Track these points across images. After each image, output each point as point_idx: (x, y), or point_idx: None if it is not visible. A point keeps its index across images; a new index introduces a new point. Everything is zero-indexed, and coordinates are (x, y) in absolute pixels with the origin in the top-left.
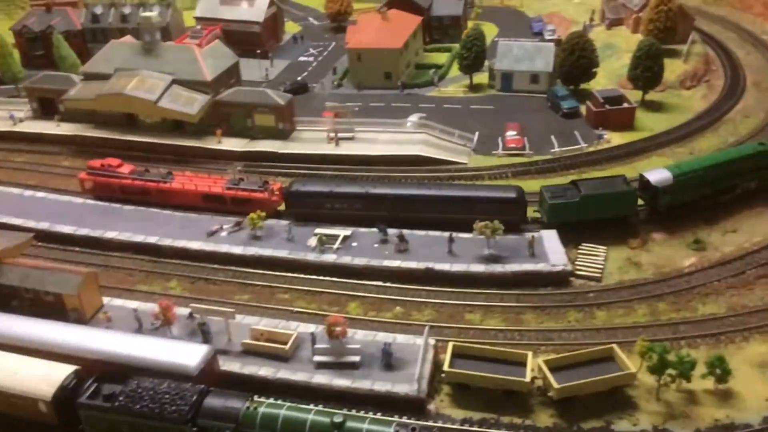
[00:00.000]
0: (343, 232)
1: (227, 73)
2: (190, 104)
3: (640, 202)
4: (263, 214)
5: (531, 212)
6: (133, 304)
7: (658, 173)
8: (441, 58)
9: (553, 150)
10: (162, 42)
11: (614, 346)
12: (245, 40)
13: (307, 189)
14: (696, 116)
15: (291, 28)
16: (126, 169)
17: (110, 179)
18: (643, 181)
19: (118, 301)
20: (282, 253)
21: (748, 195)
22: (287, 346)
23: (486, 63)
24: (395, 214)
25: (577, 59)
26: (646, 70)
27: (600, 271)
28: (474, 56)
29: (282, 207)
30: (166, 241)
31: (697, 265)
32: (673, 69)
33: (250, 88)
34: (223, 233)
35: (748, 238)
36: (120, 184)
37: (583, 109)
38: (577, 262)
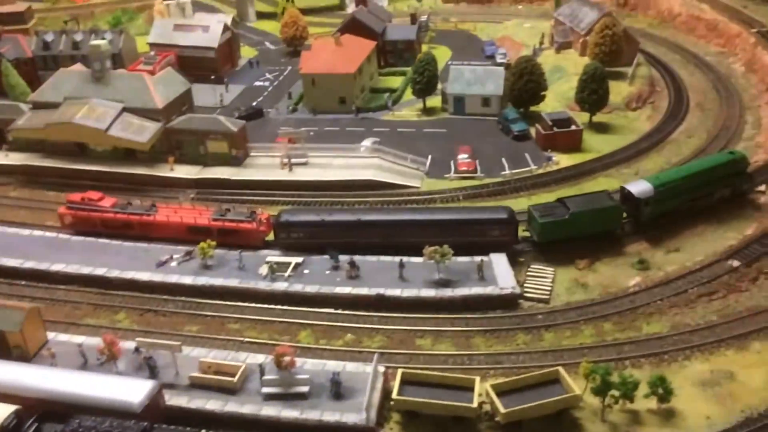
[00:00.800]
0: (294, 259)
1: (179, 100)
2: (141, 132)
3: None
4: (213, 243)
5: (521, 232)
6: (78, 338)
7: (639, 185)
8: (395, 82)
9: (503, 172)
10: (112, 70)
11: (560, 368)
12: (200, 66)
13: (296, 219)
14: (641, 137)
15: (247, 52)
16: (107, 202)
17: (91, 213)
18: (625, 193)
19: (63, 336)
20: (233, 282)
21: (690, 213)
22: (235, 379)
23: (439, 86)
24: (387, 240)
25: (525, 83)
26: (592, 92)
27: (548, 292)
28: (426, 80)
29: (270, 237)
30: (115, 273)
31: (641, 284)
32: (619, 91)
33: (202, 114)
34: (173, 263)
35: (690, 257)
36: (102, 217)
37: (533, 131)
38: (525, 285)
